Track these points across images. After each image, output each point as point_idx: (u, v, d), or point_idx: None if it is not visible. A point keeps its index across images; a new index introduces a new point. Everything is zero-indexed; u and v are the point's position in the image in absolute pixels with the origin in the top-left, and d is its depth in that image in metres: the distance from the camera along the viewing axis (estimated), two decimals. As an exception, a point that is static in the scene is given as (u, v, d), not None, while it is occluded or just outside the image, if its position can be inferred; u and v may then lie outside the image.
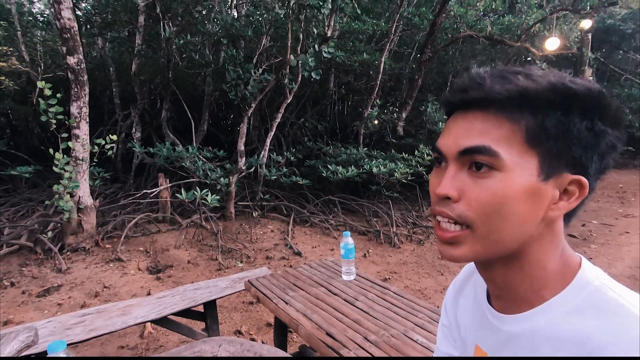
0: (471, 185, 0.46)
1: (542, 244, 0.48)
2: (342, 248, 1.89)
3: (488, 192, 0.45)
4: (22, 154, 6.28)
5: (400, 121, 6.45)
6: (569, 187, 0.46)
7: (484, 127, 0.46)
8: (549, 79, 0.45)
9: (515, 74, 0.46)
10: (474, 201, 0.45)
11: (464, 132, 0.47)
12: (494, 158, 0.44)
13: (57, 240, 3.95)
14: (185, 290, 2.28)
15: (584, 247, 4.27)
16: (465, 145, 0.46)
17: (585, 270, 0.49)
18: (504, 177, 0.44)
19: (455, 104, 0.50)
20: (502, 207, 0.44)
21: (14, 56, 5.64)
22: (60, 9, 3.63)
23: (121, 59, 6.56)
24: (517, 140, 0.45)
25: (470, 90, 0.47)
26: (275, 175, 5.28)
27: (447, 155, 0.49)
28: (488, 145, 0.45)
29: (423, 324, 1.48)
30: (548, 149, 0.45)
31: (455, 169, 0.47)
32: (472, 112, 0.48)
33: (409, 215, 5.30)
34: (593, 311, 0.44)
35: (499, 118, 0.46)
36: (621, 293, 0.45)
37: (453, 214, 0.46)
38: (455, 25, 6.55)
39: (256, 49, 5.36)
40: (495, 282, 0.52)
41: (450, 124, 0.51)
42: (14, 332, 1.40)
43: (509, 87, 0.45)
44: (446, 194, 0.46)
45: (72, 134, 3.87)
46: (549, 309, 0.48)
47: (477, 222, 0.45)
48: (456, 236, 0.47)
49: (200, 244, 4.25)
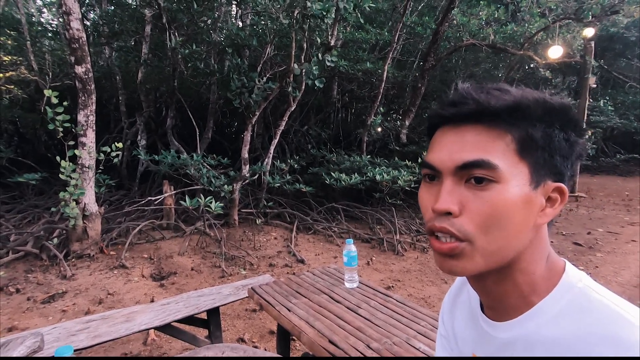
0: (471, 198, 0.46)
1: (532, 251, 0.49)
2: (345, 255, 1.89)
3: (489, 205, 0.45)
4: (29, 162, 6.36)
5: (404, 129, 6.48)
6: (551, 194, 0.48)
7: (479, 141, 0.47)
8: (532, 95, 0.48)
9: (496, 90, 0.48)
10: (475, 215, 0.45)
11: (459, 147, 0.47)
12: (494, 171, 0.45)
13: (63, 247, 3.98)
14: (188, 297, 2.29)
15: (589, 255, 4.23)
16: (464, 159, 0.46)
17: (568, 274, 0.50)
18: (503, 188, 0.45)
19: (446, 118, 0.50)
20: (502, 218, 0.45)
21: (23, 65, 5.75)
22: (70, 20, 3.71)
23: (127, 67, 6.67)
24: (511, 151, 0.46)
25: (463, 104, 0.48)
26: (278, 183, 5.30)
27: (441, 170, 0.48)
28: (487, 159, 0.45)
29: (425, 332, 1.48)
30: (536, 158, 0.47)
31: (452, 184, 0.47)
32: (463, 126, 0.48)
33: (412, 222, 5.29)
34: (579, 313, 0.46)
35: (492, 131, 0.47)
36: (604, 294, 0.47)
37: (454, 229, 0.46)
38: (458, 34, 6.60)
39: (260, 57, 5.43)
40: (489, 292, 0.53)
41: (440, 138, 0.50)
42: (20, 337, 1.41)
43: (503, 100, 0.46)
44: (447, 209, 0.46)
45: (79, 142, 3.92)
46: (537, 313, 0.49)
47: (477, 235, 0.46)
48: (455, 247, 0.47)
49: (203, 251, 4.26)
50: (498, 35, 6.51)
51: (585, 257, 4.17)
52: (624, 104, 10.50)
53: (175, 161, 4.84)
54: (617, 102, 10.52)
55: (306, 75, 4.67)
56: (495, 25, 6.65)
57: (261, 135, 7.10)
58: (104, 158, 3.96)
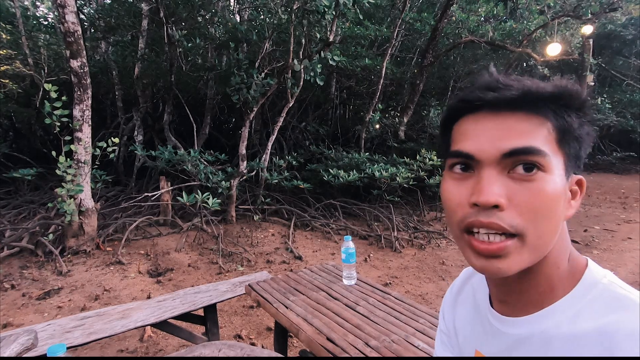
0: (518, 189, 0.43)
1: (559, 245, 0.48)
2: (343, 252, 1.88)
3: (539, 196, 0.42)
4: (24, 157, 6.31)
5: (402, 125, 6.47)
6: (573, 187, 0.48)
7: (524, 128, 0.44)
8: (572, 85, 0.46)
9: (527, 79, 0.47)
10: (524, 206, 0.42)
11: (501, 133, 0.44)
12: (544, 158, 0.43)
13: (58, 243, 3.95)
14: (185, 294, 2.27)
15: (586, 253, 4.21)
16: (511, 146, 0.43)
17: (592, 270, 0.49)
18: (550, 178, 0.43)
19: (486, 102, 0.46)
20: (550, 211, 0.43)
21: (18, 59, 5.68)
22: (65, 13, 3.66)
23: (124, 62, 6.61)
24: (552, 140, 0.44)
25: (505, 89, 0.44)
26: (276, 179, 5.28)
27: (482, 160, 0.44)
28: (537, 146, 0.43)
29: (424, 330, 1.47)
30: (570, 149, 0.46)
31: (495, 174, 0.44)
32: (502, 112, 0.45)
33: (410, 219, 5.29)
34: (606, 307, 0.44)
35: (533, 118, 0.44)
36: (630, 290, 0.46)
37: (504, 223, 0.42)
38: (456, 31, 6.59)
39: (258, 53, 5.39)
40: (509, 286, 0.51)
41: (472, 126, 0.47)
42: (13, 334, 1.40)
43: (546, 87, 0.45)
44: (496, 202, 0.42)
45: (75, 137, 3.88)
46: (560, 308, 0.47)
47: (529, 230, 0.42)
48: (504, 247, 0.42)
49: (201, 248, 4.24)
50: (497, 32, 6.51)
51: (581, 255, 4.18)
52: (621, 102, 10.53)
53: (172, 157, 4.81)
54: (614, 100, 10.55)
55: (306, 71, 4.63)
56: (494, 22, 6.65)
57: (259, 131, 7.07)
58: (100, 153, 3.93)
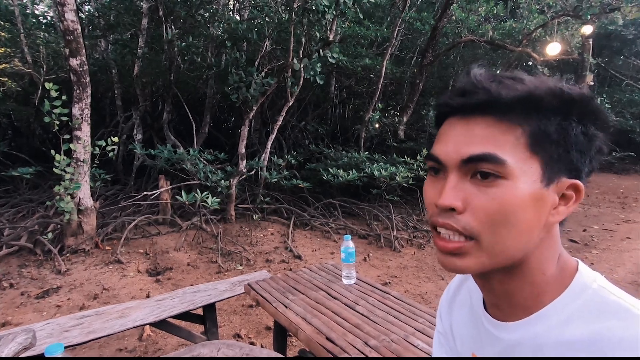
0: (476, 194, 0.44)
1: (542, 250, 0.47)
2: (343, 252, 1.88)
3: (495, 202, 0.43)
4: (23, 155, 6.29)
5: (402, 125, 6.46)
6: (566, 192, 0.46)
7: (488, 134, 0.44)
8: (547, 84, 0.44)
9: (510, 78, 0.45)
10: (481, 211, 0.43)
11: (466, 139, 0.45)
12: (501, 166, 0.43)
13: (57, 242, 3.94)
14: (184, 293, 2.27)
15: (585, 253, 4.25)
16: (470, 153, 0.44)
17: (582, 274, 0.48)
18: (510, 185, 0.43)
19: (454, 108, 0.47)
20: (509, 216, 0.43)
21: (16, 58, 5.67)
22: (64, 11, 3.64)
23: (123, 61, 6.59)
24: (521, 146, 0.44)
25: (472, 94, 0.45)
26: (276, 178, 5.28)
27: (446, 164, 0.46)
28: (494, 153, 0.43)
29: (423, 329, 1.47)
30: (550, 154, 0.44)
31: (456, 178, 0.45)
32: (472, 117, 0.46)
33: (409, 219, 5.29)
34: (596, 314, 0.44)
35: (502, 124, 0.44)
36: (620, 295, 0.45)
37: (458, 226, 0.44)
38: (456, 30, 6.58)
39: (258, 52, 5.38)
40: (494, 291, 0.51)
41: (447, 130, 0.48)
42: (11, 334, 1.39)
43: (515, 91, 0.44)
44: (450, 205, 0.44)
45: (74, 136, 3.87)
46: (549, 314, 0.47)
47: (483, 233, 0.43)
48: (460, 247, 0.45)
49: (200, 247, 4.24)
50: (497, 32, 6.50)
51: (580, 254, 4.18)
52: (621, 102, 10.53)
53: (171, 156, 4.80)
54: (613, 100, 10.55)
55: (306, 70, 4.63)
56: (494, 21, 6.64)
57: (258, 130, 7.06)
58: (99, 152, 3.92)
